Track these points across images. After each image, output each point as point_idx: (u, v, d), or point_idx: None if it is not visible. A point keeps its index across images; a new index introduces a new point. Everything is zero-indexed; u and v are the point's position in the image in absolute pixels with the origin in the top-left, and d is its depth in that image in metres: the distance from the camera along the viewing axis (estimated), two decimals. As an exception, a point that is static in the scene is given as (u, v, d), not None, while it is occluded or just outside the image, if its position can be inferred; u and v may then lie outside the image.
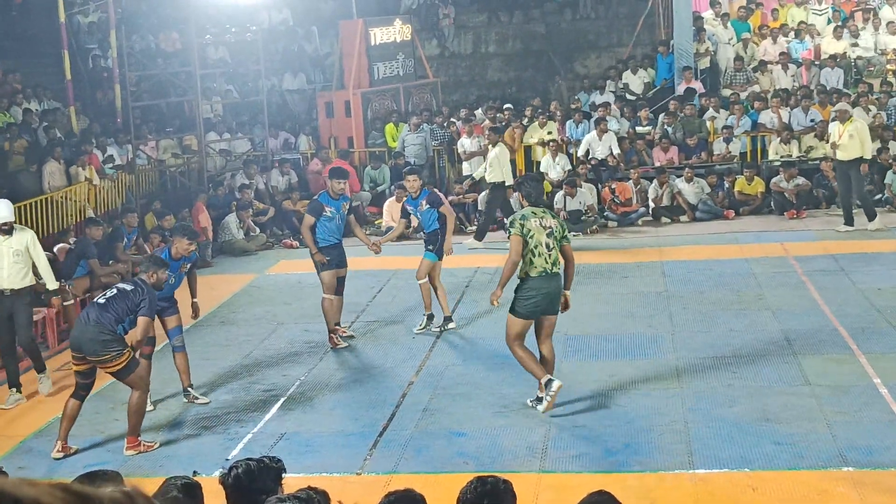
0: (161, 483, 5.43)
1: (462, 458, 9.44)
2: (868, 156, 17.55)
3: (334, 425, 10.48)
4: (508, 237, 10.31)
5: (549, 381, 10.21)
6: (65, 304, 13.96)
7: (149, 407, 11.02)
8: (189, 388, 11.41)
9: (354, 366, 12.40)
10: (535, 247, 10.15)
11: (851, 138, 17.46)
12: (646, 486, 8.70)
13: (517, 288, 10.35)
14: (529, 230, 10.17)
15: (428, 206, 13.35)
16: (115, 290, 10.07)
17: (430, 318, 13.55)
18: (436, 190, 16.23)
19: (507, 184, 18.17)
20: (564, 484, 8.83)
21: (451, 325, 13.47)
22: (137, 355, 10.21)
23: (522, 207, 10.58)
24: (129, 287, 10.08)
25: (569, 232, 10.76)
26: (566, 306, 10.54)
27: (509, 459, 9.33)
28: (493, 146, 18.52)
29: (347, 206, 13.11)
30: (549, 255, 10.21)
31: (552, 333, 10.53)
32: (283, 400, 11.24)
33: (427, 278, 13.42)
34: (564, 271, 10.45)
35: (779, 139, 20.59)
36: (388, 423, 10.38)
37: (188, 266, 11.42)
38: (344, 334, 13.38)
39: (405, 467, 9.31)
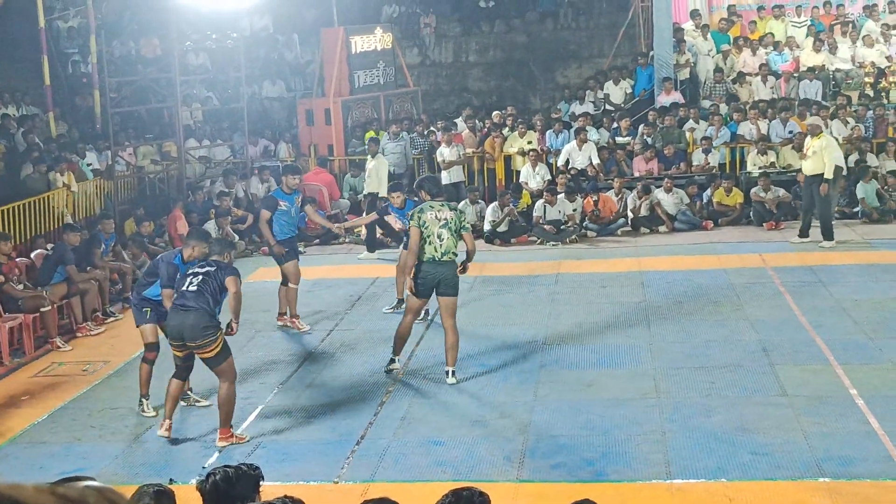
0: (134, 490, 5.40)
1: (439, 466, 9.43)
2: (829, 175, 17.48)
3: (312, 433, 10.46)
4: (408, 229, 12.03)
5: (392, 361, 12.11)
6: (42, 309, 13.89)
7: (150, 413, 11.04)
8: (188, 392, 11.41)
9: (333, 374, 12.38)
10: (428, 237, 11.53)
11: (815, 154, 17.50)
12: (623, 496, 8.71)
13: (414, 272, 11.64)
14: (425, 222, 11.55)
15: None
16: (200, 276, 10.27)
17: (401, 302, 14.32)
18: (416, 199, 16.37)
19: (380, 195, 18.41)
20: (542, 493, 8.84)
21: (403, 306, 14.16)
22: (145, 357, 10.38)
23: (423, 202, 11.94)
24: (212, 268, 10.34)
25: (466, 221, 11.99)
26: (464, 270, 11.87)
27: (487, 468, 9.32)
28: (373, 157, 19.07)
29: (300, 200, 14.24)
30: (441, 245, 11.53)
31: (453, 314, 11.65)
32: (260, 408, 11.21)
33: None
34: (467, 251, 11.74)
35: (755, 150, 20.68)
36: (365, 432, 10.36)
37: None
38: (289, 324, 14.24)
39: (382, 476, 9.30)
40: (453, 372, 11.64)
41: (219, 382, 10.32)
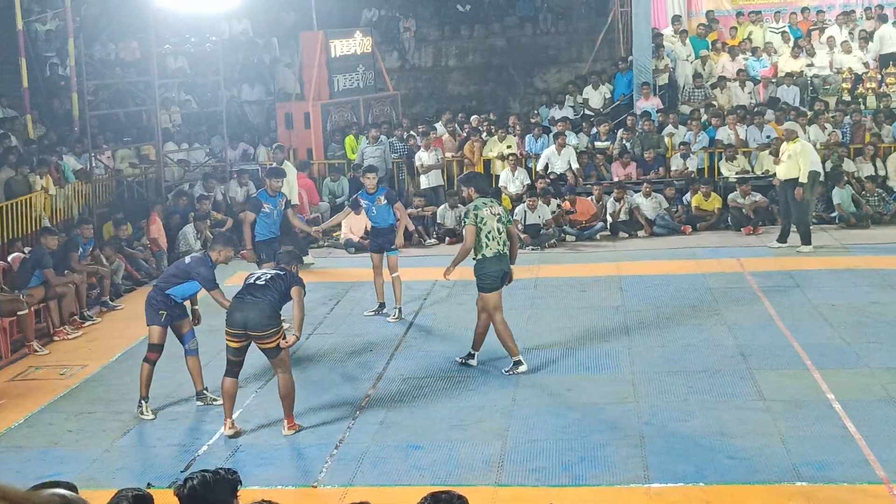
0: (112, 495, 5.38)
1: (418, 471, 9.43)
2: (803, 179, 17.57)
3: (290, 437, 10.43)
4: (463, 227, 11.77)
5: (519, 362, 11.87)
6: (19, 313, 13.83)
7: (149, 416, 11.02)
8: (204, 391, 11.45)
9: (311, 378, 12.35)
10: (489, 232, 11.60)
11: (790, 158, 17.59)
12: (601, 501, 8.73)
13: (476, 268, 11.77)
14: (483, 218, 11.59)
15: (386, 201, 14.45)
16: (269, 274, 10.57)
17: (387, 307, 14.59)
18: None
19: (293, 203, 18.31)
20: (520, 497, 8.84)
21: (403, 316, 14.45)
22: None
23: (472, 201, 11.88)
24: (281, 272, 10.61)
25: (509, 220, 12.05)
26: (510, 280, 12.04)
27: (465, 473, 9.32)
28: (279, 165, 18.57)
29: (283, 203, 14.43)
30: (501, 238, 11.68)
31: (501, 306, 11.87)
32: (239, 411, 11.17)
33: (397, 272, 14.51)
34: (510, 249, 11.90)
35: (724, 157, 20.79)
36: (344, 436, 10.35)
37: None
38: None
39: (361, 480, 9.29)
40: (521, 360, 11.97)
41: (277, 374, 10.56)
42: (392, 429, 10.51)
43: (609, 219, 19.87)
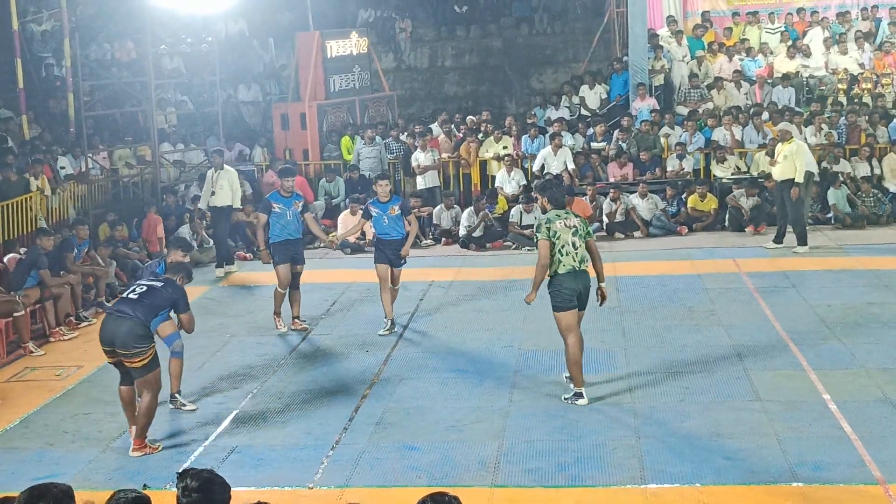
0: (109, 496, 5.37)
1: (414, 472, 9.42)
2: (800, 179, 17.58)
3: (286, 439, 10.42)
4: (536, 242, 10.80)
5: (580, 395, 10.84)
6: (15, 314, 13.80)
7: (191, 406, 11.19)
8: (176, 395, 11.40)
9: (307, 379, 12.34)
10: (563, 247, 10.65)
11: (786, 159, 17.60)
12: (597, 501, 8.72)
13: (549, 286, 10.82)
14: (556, 232, 10.65)
15: (399, 211, 13.88)
16: (144, 287, 10.28)
17: (394, 323, 14.11)
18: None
19: (233, 207, 18.39)
20: (517, 498, 8.84)
21: (395, 329, 14.01)
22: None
23: (546, 212, 10.97)
24: (158, 284, 10.34)
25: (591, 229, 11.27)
26: (604, 298, 11.18)
27: (462, 474, 9.31)
28: (218, 170, 18.22)
29: (300, 204, 14.04)
30: (577, 254, 10.71)
31: (578, 325, 10.93)
32: (234, 413, 11.17)
33: (397, 285, 14.15)
34: (593, 266, 10.95)
35: (714, 159, 20.80)
36: (340, 437, 10.34)
37: None
38: (299, 327, 14.19)
39: (357, 481, 9.28)
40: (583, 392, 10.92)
41: (142, 394, 10.14)
42: (388, 430, 10.50)
43: (605, 219, 19.87)
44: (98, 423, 11.02)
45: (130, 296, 10.19)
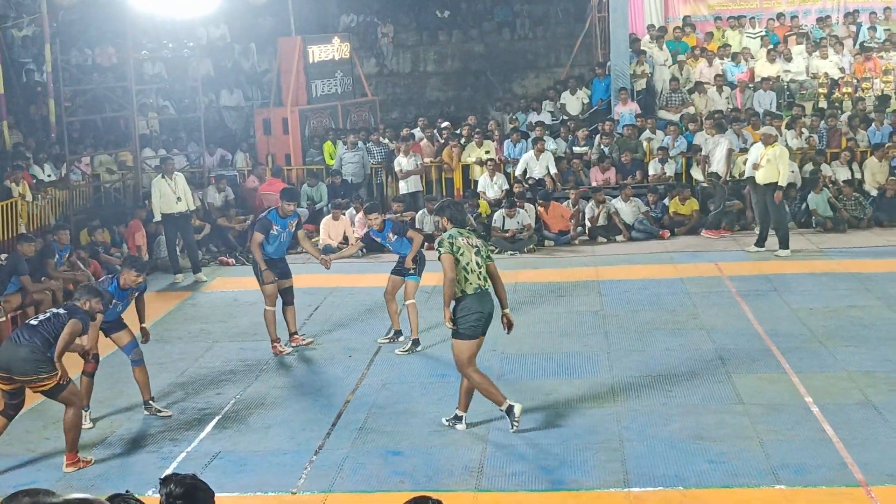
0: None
1: (398, 476, 9.41)
2: (783, 183, 17.68)
3: (269, 444, 10.40)
4: (439, 258, 10.18)
5: (511, 408, 10.25)
6: (-4, 320, 13.76)
7: (87, 424, 10.94)
8: (150, 402, 11.39)
9: (290, 384, 12.33)
10: (467, 264, 10.13)
11: (769, 163, 17.64)
12: (581, 505, 8.73)
13: (456, 309, 10.19)
14: (459, 248, 10.14)
15: (396, 236, 13.55)
16: (48, 314, 10.11)
17: (399, 333, 13.79)
18: (393, 217, 16.04)
19: (189, 210, 18.24)
20: (500, 502, 8.84)
21: (418, 348, 13.40)
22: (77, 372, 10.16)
23: (445, 230, 10.51)
24: (62, 311, 10.10)
25: (492, 251, 10.90)
26: (511, 326, 10.57)
27: (445, 478, 9.31)
28: (164, 177, 18.05)
29: (294, 224, 13.63)
30: (481, 273, 10.20)
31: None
32: (217, 418, 11.15)
33: (412, 299, 13.59)
34: (495, 291, 10.45)
35: (695, 162, 20.85)
36: (323, 442, 10.33)
37: (136, 294, 11.40)
38: (302, 343, 13.80)
39: (341, 486, 9.26)
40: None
41: (64, 409, 10.01)
42: (371, 435, 10.48)
43: (587, 223, 19.90)
44: (85, 429, 10.95)
45: (31, 321, 10.04)
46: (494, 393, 10.29)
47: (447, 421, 10.59)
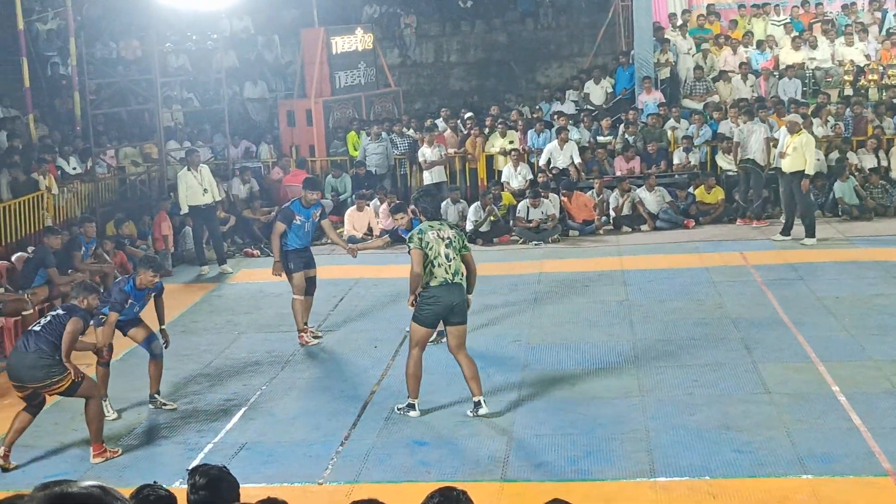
0: (134, 490, 5.35)
1: (424, 467, 9.43)
2: (810, 171, 17.59)
3: (296, 435, 10.44)
4: (409, 252, 10.57)
5: (412, 406, 10.72)
6: (23, 313, 13.83)
7: (112, 416, 11.02)
8: (156, 395, 11.45)
9: (316, 375, 12.37)
10: (435, 258, 10.45)
11: (795, 151, 17.55)
12: (607, 495, 8.73)
13: (421, 297, 10.56)
14: (428, 243, 10.47)
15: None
16: (48, 318, 10.13)
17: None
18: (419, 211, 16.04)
19: (214, 202, 18.24)
20: (526, 492, 8.84)
21: (443, 339, 13.38)
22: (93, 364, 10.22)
23: (421, 222, 10.93)
24: (62, 312, 10.14)
25: (468, 241, 11.19)
26: (467, 305, 10.82)
27: (471, 468, 9.33)
28: (188, 169, 18.07)
29: (318, 214, 13.67)
30: (450, 266, 10.51)
31: (464, 343, 10.72)
32: (244, 409, 11.19)
33: None
34: (468, 278, 10.77)
35: (721, 150, 20.76)
36: (349, 433, 10.36)
37: (152, 295, 11.41)
38: (312, 335, 13.79)
39: (367, 477, 9.29)
40: (484, 401, 10.61)
41: (84, 403, 10.10)
42: (397, 425, 10.51)
43: (612, 213, 19.86)
44: (107, 421, 11.03)
45: (34, 328, 10.07)
46: (414, 386, 10.70)
47: (471, 413, 10.62)
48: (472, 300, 10.99)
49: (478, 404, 10.60)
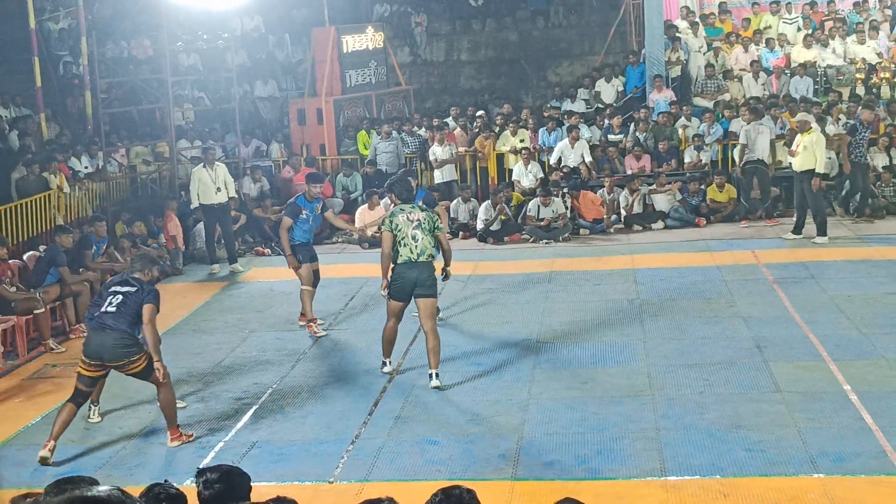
0: (145, 489, 5.36)
1: (435, 466, 9.43)
2: (820, 170, 17.54)
3: (306, 433, 10.45)
4: (379, 234, 11.88)
5: (384, 364, 12.12)
6: (35, 312, 13.87)
7: (96, 419, 11.00)
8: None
9: (327, 374, 12.37)
10: (402, 239, 11.45)
11: (805, 150, 17.52)
12: (618, 494, 8.72)
13: (391, 274, 11.61)
14: (397, 225, 11.47)
15: (424, 205, 13.53)
16: (120, 296, 10.13)
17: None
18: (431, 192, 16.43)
19: (227, 200, 18.22)
20: (537, 491, 8.83)
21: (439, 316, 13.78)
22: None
23: (394, 206, 11.87)
24: (132, 289, 10.16)
25: (439, 222, 11.83)
26: (447, 277, 12.00)
27: (482, 467, 9.32)
28: (204, 167, 18.06)
29: (320, 207, 14.23)
30: (416, 246, 11.43)
31: (432, 315, 11.63)
32: (254, 408, 11.20)
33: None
34: (442, 254, 11.80)
35: (738, 147, 20.68)
36: (360, 431, 10.36)
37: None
38: (302, 323, 14.17)
39: (377, 475, 9.29)
40: (437, 374, 11.45)
41: (157, 390, 10.25)
42: (408, 424, 10.51)
43: (623, 212, 19.84)
44: (118, 419, 11.07)
45: (109, 309, 10.05)
46: (387, 348, 12.07)
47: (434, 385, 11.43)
48: (452, 272, 12.11)
49: (430, 376, 11.47)
